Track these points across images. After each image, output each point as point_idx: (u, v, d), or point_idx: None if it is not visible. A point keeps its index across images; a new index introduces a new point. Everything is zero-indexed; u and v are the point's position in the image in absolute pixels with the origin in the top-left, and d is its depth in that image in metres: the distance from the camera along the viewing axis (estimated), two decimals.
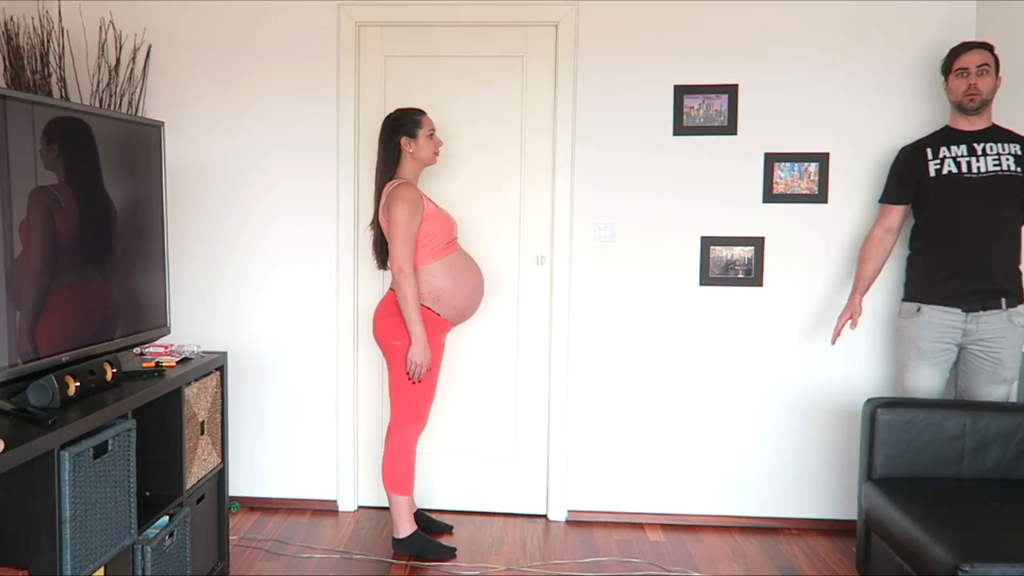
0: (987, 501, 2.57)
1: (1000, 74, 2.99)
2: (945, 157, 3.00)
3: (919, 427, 2.79)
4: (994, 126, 3.03)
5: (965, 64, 2.96)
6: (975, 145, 2.98)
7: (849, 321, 3.15)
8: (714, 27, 3.35)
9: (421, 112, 3.05)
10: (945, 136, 3.06)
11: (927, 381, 3.04)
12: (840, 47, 3.33)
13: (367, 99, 3.49)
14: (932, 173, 3.00)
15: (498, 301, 3.51)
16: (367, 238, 3.23)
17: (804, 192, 3.38)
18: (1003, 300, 2.93)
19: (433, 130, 3.05)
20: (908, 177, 3.07)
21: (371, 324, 3.14)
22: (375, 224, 3.07)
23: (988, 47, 2.99)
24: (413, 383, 2.98)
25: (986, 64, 2.96)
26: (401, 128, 3.01)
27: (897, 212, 3.13)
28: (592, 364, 3.50)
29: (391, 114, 3.07)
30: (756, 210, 3.39)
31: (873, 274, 3.17)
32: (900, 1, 3.30)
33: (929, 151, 3.03)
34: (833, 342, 3.20)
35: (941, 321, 2.98)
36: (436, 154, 3.07)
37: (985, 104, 2.99)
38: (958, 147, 2.99)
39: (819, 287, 3.41)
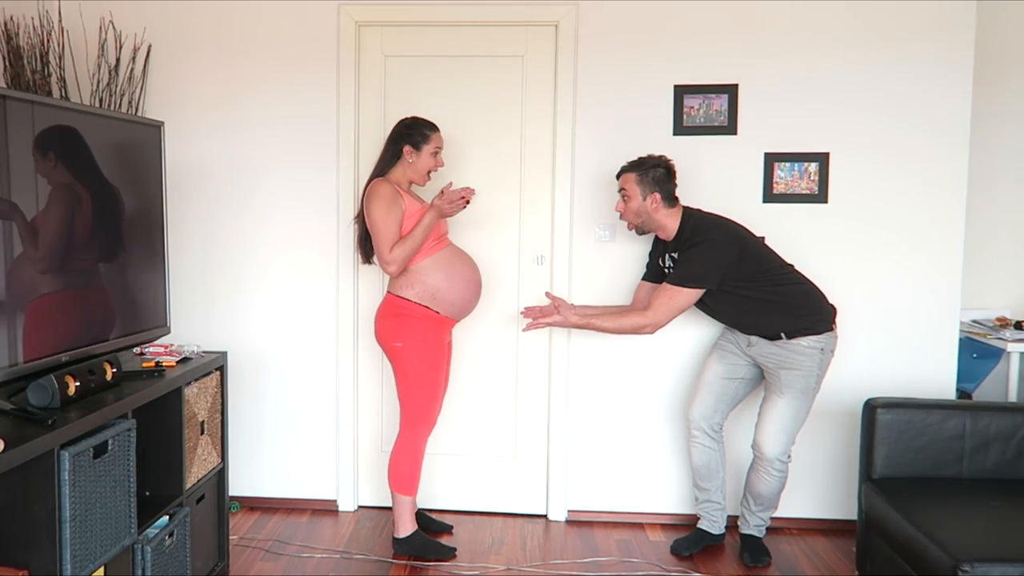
0: (987, 501, 2.57)
1: (652, 194, 2.99)
2: (664, 267, 3.13)
3: (919, 427, 2.79)
4: (682, 230, 3.02)
5: (619, 187, 3.08)
6: (672, 255, 3.08)
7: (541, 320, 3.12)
8: (714, 27, 3.35)
9: (434, 128, 3.05)
10: (658, 243, 3.18)
11: (708, 367, 3.20)
12: (840, 47, 3.33)
13: (367, 100, 3.49)
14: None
15: (498, 301, 3.51)
16: None
17: (804, 192, 3.38)
18: (782, 334, 2.99)
19: (439, 149, 3.05)
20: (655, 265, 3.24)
21: (371, 324, 3.14)
22: (359, 219, 3.08)
23: (631, 169, 3.04)
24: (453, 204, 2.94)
25: (623, 189, 3.05)
26: (409, 136, 3.01)
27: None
28: (592, 364, 3.50)
29: (407, 119, 3.07)
30: (756, 210, 3.39)
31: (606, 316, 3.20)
32: (900, 1, 3.30)
33: (658, 258, 3.18)
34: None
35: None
36: (430, 175, 3.06)
37: (646, 226, 3.06)
38: (665, 258, 3.11)
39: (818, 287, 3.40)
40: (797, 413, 3.02)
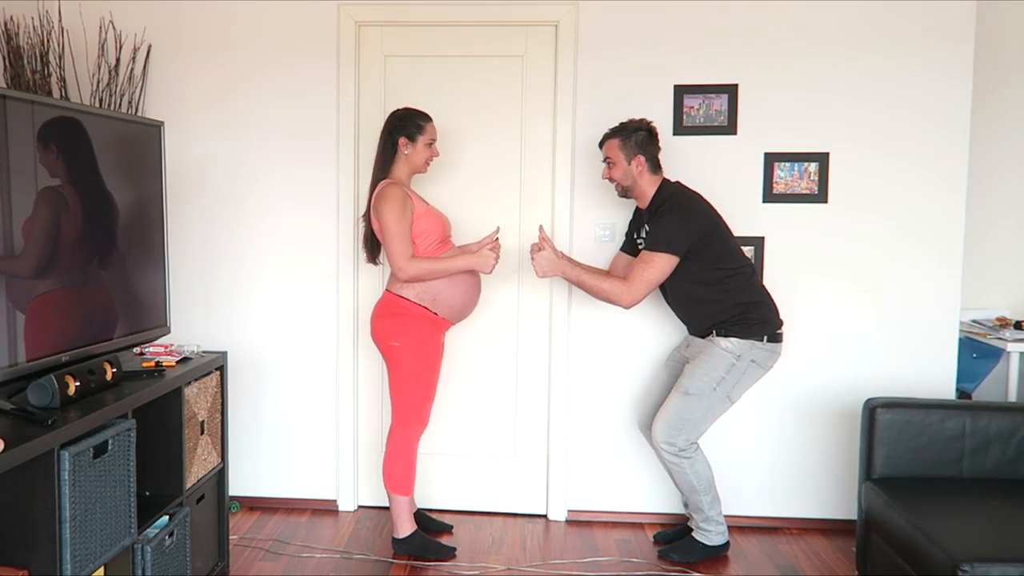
0: (987, 501, 2.57)
1: (637, 157, 3.01)
2: (638, 239, 3.16)
3: (919, 427, 2.79)
4: (655, 198, 3.05)
5: (603, 155, 3.11)
6: (646, 225, 3.10)
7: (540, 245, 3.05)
8: (714, 27, 3.35)
9: (427, 119, 3.04)
10: (637, 213, 3.20)
11: (658, 380, 3.28)
12: (840, 46, 3.33)
13: (367, 100, 3.49)
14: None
15: (498, 301, 3.51)
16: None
17: (804, 192, 3.38)
18: (713, 330, 3.03)
19: (434, 139, 3.05)
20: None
21: (370, 324, 3.14)
22: (367, 217, 3.08)
23: (613, 135, 3.06)
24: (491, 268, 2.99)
25: (608, 157, 3.07)
26: (402, 129, 3.01)
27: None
28: (592, 364, 3.50)
29: (398, 111, 3.06)
30: (756, 210, 3.39)
31: (593, 274, 3.09)
32: (900, 1, 3.30)
33: (634, 231, 3.21)
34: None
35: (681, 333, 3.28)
36: (428, 163, 3.07)
37: (632, 191, 3.09)
38: (641, 231, 3.14)
39: (819, 287, 3.41)
40: (683, 410, 3.01)
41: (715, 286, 3.01)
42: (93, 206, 2.33)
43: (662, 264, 2.94)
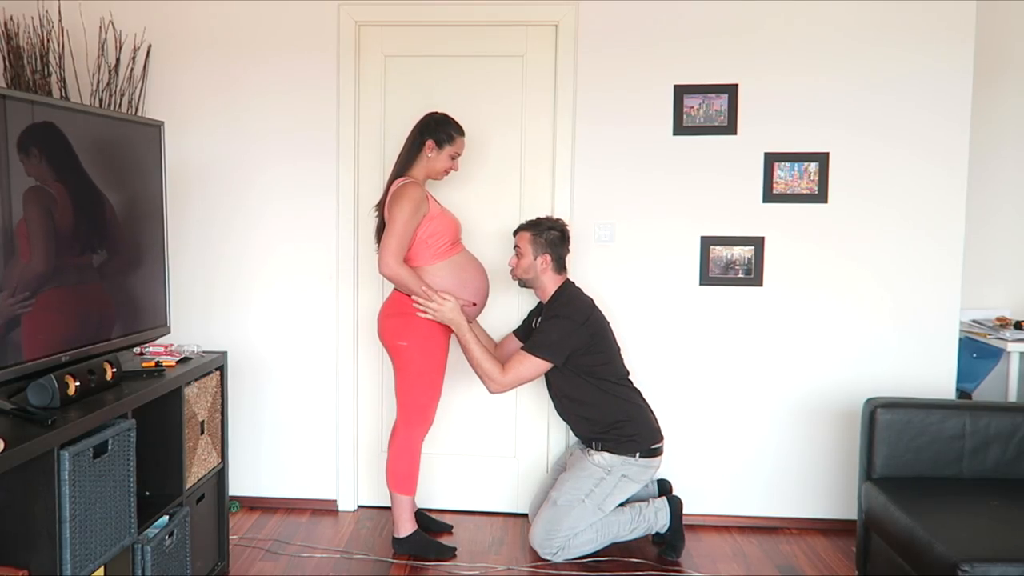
0: (987, 501, 2.57)
1: (544, 255, 3.08)
2: (533, 327, 3.20)
3: (919, 427, 2.79)
4: (553, 297, 3.12)
5: (514, 243, 3.17)
6: (538, 320, 3.18)
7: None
8: (714, 27, 3.35)
9: (460, 132, 3.08)
10: (537, 304, 3.27)
11: (544, 483, 3.38)
12: (840, 46, 3.33)
13: (367, 100, 3.49)
14: None
15: (498, 301, 3.51)
16: (367, 239, 3.22)
17: (804, 192, 3.38)
18: (593, 443, 3.12)
19: (459, 154, 3.09)
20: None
21: (372, 324, 3.14)
22: (380, 207, 3.08)
23: (527, 228, 3.12)
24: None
25: (517, 246, 3.14)
26: (434, 131, 3.04)
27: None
28: None
29: (436, 114, 3.09)
30: (756, 210, 3.39)
31: (482, 347, 3.05)
32: (900, 1, 3.30)
33: (532, 319, 3.26)
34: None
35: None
36: (446, 174, 3.11)
37: (531, 284, 3.16)
38: (537, 321, 3.19)
39: (819, 287, 3.41)
40: (553, 520, 3.07)
41: (591, 397, 3.09)
42: (92, 206, 2.33)
43: (537, 365, 3.03)
